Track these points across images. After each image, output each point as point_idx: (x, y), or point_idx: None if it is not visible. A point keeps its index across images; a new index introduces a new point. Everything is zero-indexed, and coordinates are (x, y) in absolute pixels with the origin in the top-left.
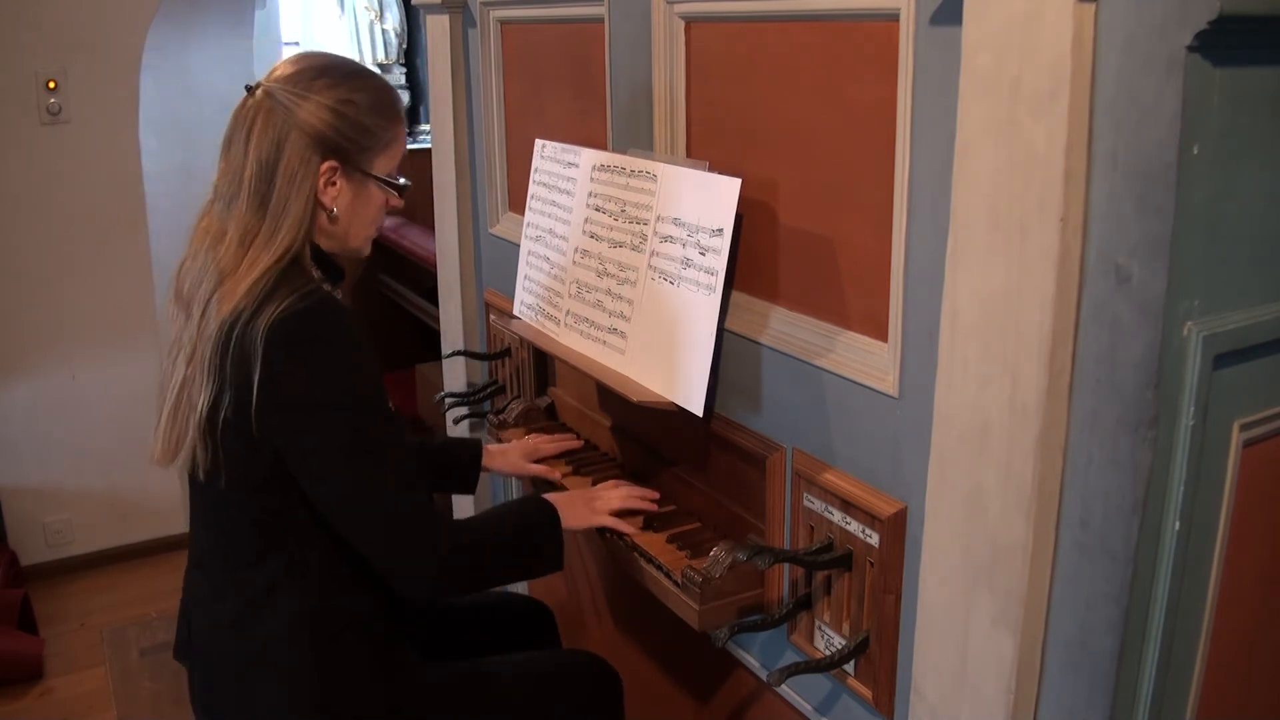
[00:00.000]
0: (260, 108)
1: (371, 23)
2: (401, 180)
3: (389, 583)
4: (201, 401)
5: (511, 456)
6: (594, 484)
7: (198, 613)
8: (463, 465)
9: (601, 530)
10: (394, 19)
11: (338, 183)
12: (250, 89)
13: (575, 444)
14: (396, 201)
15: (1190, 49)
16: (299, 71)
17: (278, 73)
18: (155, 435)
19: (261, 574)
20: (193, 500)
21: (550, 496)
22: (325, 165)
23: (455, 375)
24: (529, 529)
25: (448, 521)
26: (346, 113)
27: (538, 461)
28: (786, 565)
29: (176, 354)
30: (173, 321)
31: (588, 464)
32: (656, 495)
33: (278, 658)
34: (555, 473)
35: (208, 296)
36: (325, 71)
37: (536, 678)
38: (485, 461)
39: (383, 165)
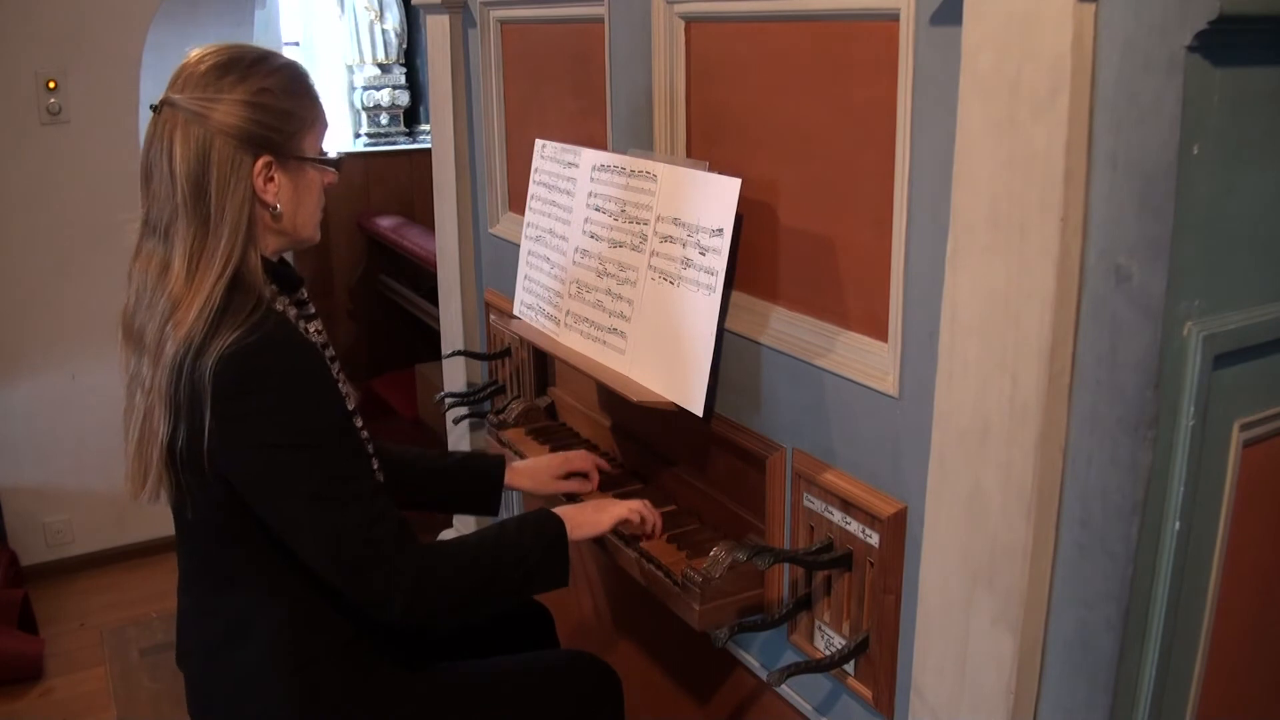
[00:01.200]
0: (174, 123)
1: (371, 23)
2: (333, 154)
3: (361, 608)
4: (163, 431)
5: (541, 475)
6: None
7: (188, 629)
8: (483, 485)
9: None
10: (394, 19)
11: (275, 177)
12: (155, 107)
13: (605, 465)
14: (332, 178)
15: (1190, 49)
16: (203, 74)
17: (180, 81)
18: (125, 471)
19: (239, 597)
20: (174, 523)
21: (560, 510)
22: (260, 163)
23: (455, 375)
24: (523, 546)
25: (423, 548)
26: (265, 102)
27: (568, 476)
28: (786, 565)
29: (135, 390)
30: (124, 364)
31: (610, 482)
32: (660, 525)
33: (258, 684)
34: (588, 485)
35: (162, 327)
36: (229, 67)
37: (536, 678)
38: (509, 480)
39: (312, 145)
